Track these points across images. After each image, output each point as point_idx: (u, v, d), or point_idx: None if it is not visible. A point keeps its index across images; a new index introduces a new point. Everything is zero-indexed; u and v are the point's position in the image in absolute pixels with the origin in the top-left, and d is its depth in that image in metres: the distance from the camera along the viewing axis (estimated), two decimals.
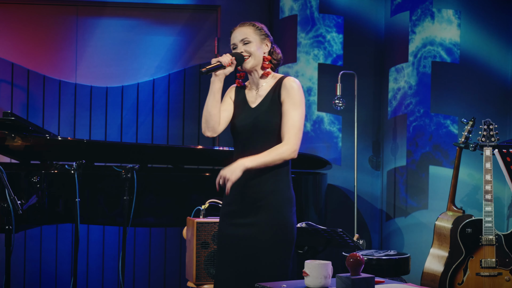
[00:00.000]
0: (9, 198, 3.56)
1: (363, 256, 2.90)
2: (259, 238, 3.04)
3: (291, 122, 3.06)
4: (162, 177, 4.81)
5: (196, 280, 3.85)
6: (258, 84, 3.19)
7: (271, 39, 3.20)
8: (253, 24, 3.16)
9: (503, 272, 4.55)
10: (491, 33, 5.31)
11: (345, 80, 5.38)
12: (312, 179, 5.07)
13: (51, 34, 5.93)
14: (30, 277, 5.83)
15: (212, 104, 3.10)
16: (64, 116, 5.92)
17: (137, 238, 5.95)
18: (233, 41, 3.16)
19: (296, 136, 3.05)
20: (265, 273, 3.01)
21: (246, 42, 3.13)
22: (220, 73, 3.08)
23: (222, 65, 3.06)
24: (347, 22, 5.74)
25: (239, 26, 3.17)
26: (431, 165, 5.29)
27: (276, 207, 3.05)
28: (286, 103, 3.07)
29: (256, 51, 3.13)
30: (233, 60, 3.08)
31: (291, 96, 3.07)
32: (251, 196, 3.07)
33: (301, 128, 3.08)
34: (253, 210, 3.07)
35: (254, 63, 3.14)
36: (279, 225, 3.05)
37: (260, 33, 3.15)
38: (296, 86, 3.09)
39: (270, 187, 3.06)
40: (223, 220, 3.17)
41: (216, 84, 3.09)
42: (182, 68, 6.03)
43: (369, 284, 2.54)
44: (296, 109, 3.07)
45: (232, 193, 3.11)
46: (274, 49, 3.22)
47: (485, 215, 4.56)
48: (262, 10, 6.10)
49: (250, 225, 3.06)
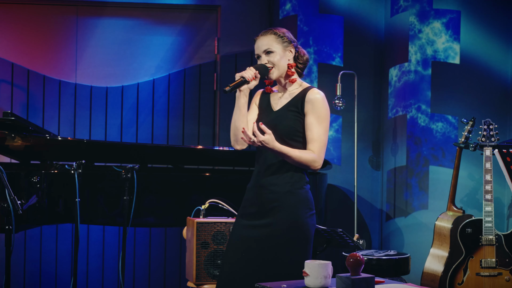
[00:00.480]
0: (9, 198, 3.56)
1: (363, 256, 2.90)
2: (274, 238, 3.03)
3: (317, 136, 3.06)
4: (162, 177, 4.81)
5: (196, 280, 3.85)
6: (285, 90, 3.17)
7: (295, 44, 3.16)
8: (275, 32, 3.12)
9: (503, 272, 4.55)
10: (491, 33, 5.31)
11: (345, 80, 5.38)
12: (312, 179, 5.08)
13: (51, 34, 5.93)
14: (30, 277, 5.83)
15: (239, 118, 3.09)
16: (64, 116, 5.92)
17: (137, 238, 5.95)
18: (256, 52, 3.14)
19: (322, 151, 3.07)
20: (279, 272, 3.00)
21: (269, 52, 3.10)
22: (245, 88, 3.06)
23: (246, 80, 3.03)
24: (347, 22, 5.74)
25: (261, 35, 3.14)
26: (431, 165, 5.29)
27: (291, 207, 3.05)
28: (310, 116, 3.06)
29: (279, 61, 3.10)
30: (257, 74, 3.06)
31: (316, 109, 3.06)
32: (267, 197, 3.07)
33: (326, 143, 3.09)
34: (269, 211, 3.07)
35: (278, 73, 3.12)
36: (294, 225, 3.04)
37: (282, 40, 3.12)
38: (321, 99, 3.07)
39: (286, 187, 3.06)
40: (239, 221, 3.16)
41: (242, 99, 3.07)
42: (182, 68, 6.02)
43: (369, 284, 2.54)
44: (321, 123, 3.06)
45: (251, 195, 3.13)
46: (299, 53, 3.18)
47: (485, 215, 4.56)
48: (262, 10, 6.10)
49: (266, 226, 3.06)
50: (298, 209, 3.06)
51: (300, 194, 3.08)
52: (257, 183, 3.11)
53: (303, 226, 3.06)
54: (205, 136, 6.05)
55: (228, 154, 5.07)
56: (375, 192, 5.81)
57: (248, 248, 3.08)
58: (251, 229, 3.09)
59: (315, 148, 3.05)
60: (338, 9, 5.74)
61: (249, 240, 3.08)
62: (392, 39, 5.65)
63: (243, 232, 3.11)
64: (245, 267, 3.07)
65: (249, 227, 3.10)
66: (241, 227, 3.14)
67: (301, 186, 3.09)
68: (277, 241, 3.04)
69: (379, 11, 5.81)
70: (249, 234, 3.09)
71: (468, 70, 5.28)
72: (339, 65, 5.67)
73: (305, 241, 3.07)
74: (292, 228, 3.04)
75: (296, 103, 3.10)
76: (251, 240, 3.08)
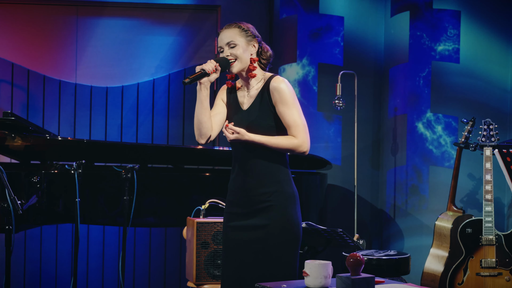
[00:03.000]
0: (9, 198, 3.56)
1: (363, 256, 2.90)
2: (266, 240, 3.02)
3: (292, 121, 3.03)
4: (162, 177, 4.81)
5: (196, 280, 3.85)
6: (248, 84, 3.15)
7: (258, 39, 3.13)
8: (239, 26, 3.10)
9: (503, 272, 4.55)
10: (491, 33, 5.31)
11: (345, 80, 5.38)
12: (312, 179, 5.07)
13: (51, 34, 5.93)
14: (30, 277, 5.83)
15: (201, 111, 3.08)
16: (64, 116, 5.92)
17: (137, 238, 5.95)
18: (219, 44, 3.11)
19: (304, 133, 3.03)
20: (274, 273, 2.99)
21: (232, 46, 3.08)
22: (205, 80, 3.04)
23: (206, 72, 3.01)
24: (347, 22, 5.74)
25: (225, 28, 3.12)
26: (431, 165, 5.29)
27: (281, 206, 3.04)
28: (279, 106, 3.04)
29: (242, 54, 3.07)
30: (217, 66, 3.03)
31: (282, 96, 3.03)
32: (255, 199, 3.05)
33: (305, 124, 3.05)
34: (258, 212, 3.05)
35: (240, 66, 3.09)
36: (285, 224, 3.03)
37: (246, 34, 3.09)
38: (284, 87, 3.04)
39: (273, 187, 3.05)
40: (227, 224, 3.14)
41: (203, 92, 3.05)
42: (182, 68, 6.03)
43: (369, 284, 2.54)
44: (292, 107, 3.03)
45: (236, 197, 3.11)
46: (262, 48, 3.15)
47: (485, 215, 4.56)
48: (262, 11, 6.10)
49: (257, 228, 3.04)
50: (287, 206, 3.05)
51: (288, 191, 3.07)
52: (241, 186, 3.08)
53: (294, 225, 3.06)
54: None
55: (228, 154, 5.05)
56: (375, 192, 5.81)
57: (241, 251, 3.06)
58: (242, 231, 3.07)
59: (295, 132, 3.02)
60: (338, 9, 5.74)
61: (242, 241, 3.06)
62: (392, 39, 5.65)
63: (235, 235, 3.09)
64: (240, 270, 3.06)
65: (240, 229, 3.08)
66: (230, 229, 3.11)
67: (287, 182, 3.08)
68: (271, 243, 3.02)
69: (379, 11, 5.81)
70: (241, 236, 3.07)
71: (468, 70, 5.28)
72: (339, 65, 5.67)
73: (296, 241, 3.07)
74: (285, 229, 3.03)
75: (263, 96, 3.07)
76: (244, 241, 3.06)
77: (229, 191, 3.17)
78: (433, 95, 5.31)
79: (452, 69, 5.28)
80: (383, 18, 5.80)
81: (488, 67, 5.30)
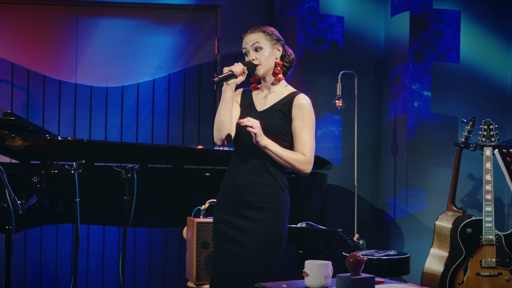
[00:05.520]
0: (9, 198, 3.56)
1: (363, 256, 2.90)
2: (254, 240, 3.02)
3: (305, 140, 3.07)
4: (162, 177, 4.81)
5: (196, 280, 3.85)
6: (269, 89, 3.19)
7: (282, 43, 3.17)
8: (264, 30, 3.14)
9: (503, 272, 4.55)
10: (491, 33, 5.31)
11: (345, 80, 5.38)
12: (312, 179, 5.07)
13: (51, 34, 5.93)
14: (30, 277, 5.83)
15: (224, 112, 3.10)
16: (64, 116, 5.92)
17: (137, 238, 5.95)
18: (244, 46, 3.15)
19: (312, 155, 3.09)
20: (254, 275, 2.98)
21: (257, 49, 3.12)
22: (232, 82, 3.07)
23: (234, 74, 3.06)
24: (347, 22, 5.74)
25: (250, 32, 3.15)
26: (431, 165, 5.29)
27: (273, 210, 3.05)
28: (298, 121, 3.08)
29: (267, 58, 3.12)
30: (245, 69, 3.08)
31: (304, 115, 3.08)
32: (249, 198, 3.06)
33: (314, 148, 3.10)
34: (250, 211, 3.05)
35: (265, 70, 3.13)
36: (274, 228, 3.04)
37: (271, 38, 3.13)
38: (308, 105, 3.10)
39: (268, 190, 3.06)
40: (218, 215, 3.14)
41: (228, 93, 3.08)
42: (182, 68, 6.03)
43: (369, 284, 2.54)
44: (309, 129, 3.08)
45: (228, 194, 3.12)
46: (286, 51, 3.19)
47: (485, 215, 4.56)
48: (262, 10, 6.10)
49: (246, 230, 3.04)
50: (279, 214, 3.06)
51: (282, 197, 3.09)
52: (236, 182, 3.09)
53: (281, 230, 3.07)
54: (205, 136, 6.05)
55: (228, 154, 5.05)
56: (375, 192, 5.81)
57: (230, 246, 3.06)
58: (230, 228, 3.07)
59: (306, 152, 3.07)
60: (338, 9, 5.74)
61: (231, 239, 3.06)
62: (392, 39, 5.65)
63: (223, 228, 3.09)
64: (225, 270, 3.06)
65: (229, 225, 3.08)
66: (220, 221, 3.12)
67: (283, 188, 3.10)
68: (255, 242, 3.02)
69: (379, 11, 5.81)
70: (228, 232, 3.07)
71: (468, 70, 5.28)
72: (339, 64, 5.67)
73: (282, 245, 3.07)
74: (271, 231, 3.04)
75: (283, 106, 3.10)
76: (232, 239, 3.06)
77: (221, 187, 3.18)
78: (433, 95, 5.30)
79: (452, 69, 5.28)
80: (383, 18, 5.80)
81: (488, 67, 5.30)
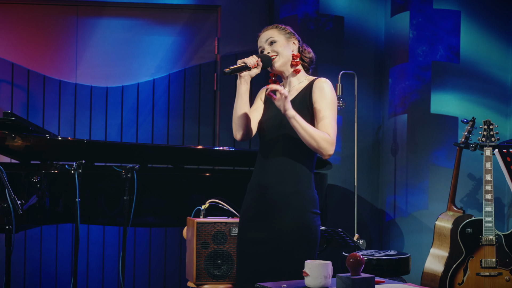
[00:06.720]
0: (9, 198, 3.56)
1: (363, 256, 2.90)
2: (282, 240, 2.99)
3: (328, 121, 2.98)
4: (162, 177, 4.81)
5: (196, 280, 3.85)
6: (290, 83, 3.14)
7: (298, 38, 3.15)
8: (276, 26, 3.14)
9: (503, 272, 4.55)
10: (491, 33, 5.31)
11: (345, 80, 5.38)
12: None
13: (51, 34, 5.93)
14: (30, 277, 5.83)
15: (240, 106, 3.05)
16: (64, 116, 5.92)
17: (137, 238, 5.95)
18: (259, 44, 3.13)
19: (335, 136, 2.99)
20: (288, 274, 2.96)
21: (271, 42, 3.09)
22: (245, 74, 3.01)
23: (247, 66, 2.99)
24: (347, 22, 5.74)
25: (263, 30, 3.14)
26: (431, 165, 5.29)
27: (298, 208, 3.00)
28: (319, 103, 3.00)
29: (283, 50, 3.08)
30: (259, 61, 3.02)
31: (324, 96, 3.01)
32: (273, 197, 3.02)
33: (336, 130, 3.01)
34: (275, 212, 3.01)
35: (282, 61, 3.09)
36: (302, 226, 2.99)
37: (284, 32, 3.12)
38: (328, 87, 3.03)
39: (292, 188, 3.01)
40: (243, 224, 3.11)
41: (243, 86, 3.03)
42: (182, 68, 6.03)
43: (369, 284, 2.53)
44: (331, 109, 3.01)
45: (254, 196, 3.08)
46: (303, 47, 3.17)
47: (485, 215, 4.56)
48: (262, 10, 6.10)
49: (272, 228, 3.00)
50: (305, 211, 3.00)
51: (308, 194, 3.03)
52: (261, 182, 3.04)
53: (310, 227, 3.01)
54: (205, 136, 6.05)
55: (228, 154, 5.07)
56: (375, 192, 5.81)
57: (258, 249, 3.03)
58: (256, 232, 3.03)
59: (330, 133, 2.97)
60: (338, 9, 5.74)
61: (257, 242, 3.02)
62: (392, 39, 5.66)
63: (250, 234, 3.06)
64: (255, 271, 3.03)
65: (254, 229, 3.04)
66: (246, 229, 3.08)
67: (308, 185, 3.03)
68: (284, 244, 2.99)
69: (379, 10, 5.81)
70: (255, 236, 3.03)
71: (468, 70, 5.28)
72: (339, 64, 5.67)
73: (313, 243, 3.03)
74: (300, 229, 2.99)
75: (304, 96, 3.05)
76: (259, 241, 3.02)
77: (249, 188, 3.13)
78: (433, 95, 5.31)
79: (452, 68, 5.28)
80: (383, 18, 5.80)
81: (488, 66, 5.30)
